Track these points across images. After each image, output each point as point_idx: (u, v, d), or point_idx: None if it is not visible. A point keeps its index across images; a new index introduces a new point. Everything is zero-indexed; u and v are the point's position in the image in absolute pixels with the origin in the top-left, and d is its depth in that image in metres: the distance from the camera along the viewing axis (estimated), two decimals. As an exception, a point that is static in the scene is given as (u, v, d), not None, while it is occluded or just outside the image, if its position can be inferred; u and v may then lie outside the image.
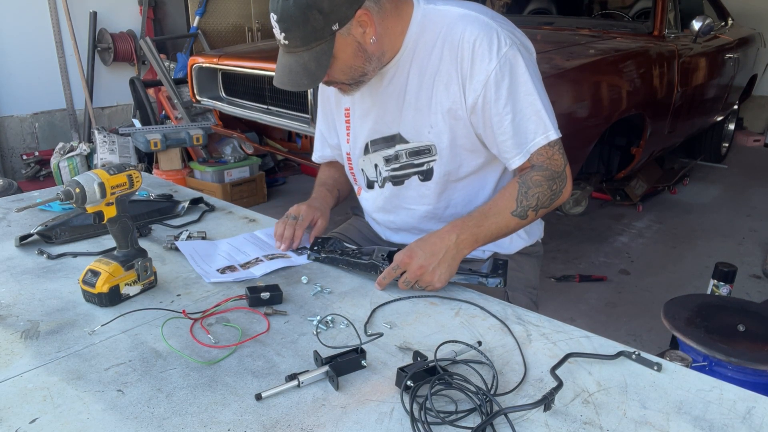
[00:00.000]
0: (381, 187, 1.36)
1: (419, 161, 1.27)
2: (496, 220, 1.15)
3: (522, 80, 1.15)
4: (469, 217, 1.15)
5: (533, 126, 1.16)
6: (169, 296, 1.10)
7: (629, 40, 3.33)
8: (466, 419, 0.76)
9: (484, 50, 1.13)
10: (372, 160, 1.35)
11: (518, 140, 1.16)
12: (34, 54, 4.39)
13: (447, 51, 1.17)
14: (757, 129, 6.25)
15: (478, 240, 1.14)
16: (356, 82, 1.19)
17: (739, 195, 4.46)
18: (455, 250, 1.10)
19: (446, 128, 1.21)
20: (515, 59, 1.14)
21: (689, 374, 0.87)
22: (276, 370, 0.87)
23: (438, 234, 1.12)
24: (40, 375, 0.85)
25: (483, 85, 1.14)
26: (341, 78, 1.17)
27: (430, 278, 1.08)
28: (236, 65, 3.34)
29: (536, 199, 1.15)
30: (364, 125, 1.33)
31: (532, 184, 1.15)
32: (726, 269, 2.04)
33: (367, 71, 1.17)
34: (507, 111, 1.15)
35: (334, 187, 1.51)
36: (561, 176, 1.18)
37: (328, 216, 1.39)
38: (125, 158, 4.01)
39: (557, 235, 3.57)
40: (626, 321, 2.65)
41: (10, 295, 1.09)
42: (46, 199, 1.05)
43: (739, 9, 5.26)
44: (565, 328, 0.99)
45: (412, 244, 1.12)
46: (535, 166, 1.18)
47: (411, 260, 1.08)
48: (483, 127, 1.19)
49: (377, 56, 1.17)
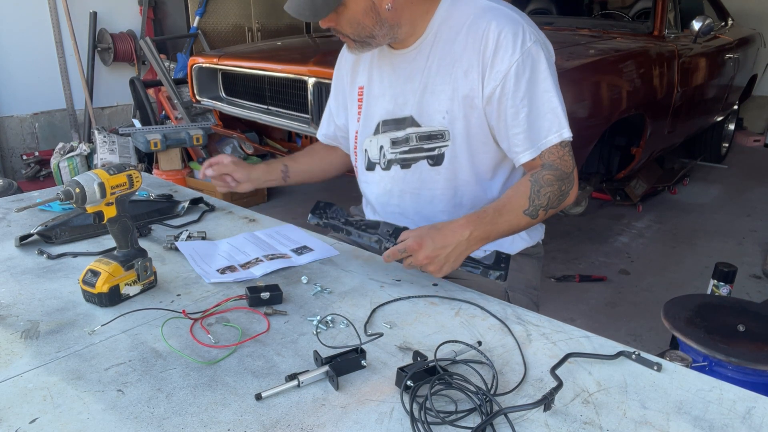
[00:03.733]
0: (385, 170, 1.35)
1: (430, 146, 1.27)
2: (509, 218, 1.14)
3: (542, 77, 1.16)
4: (483, 214, 1.13)
5: (548, 123, 1.16)
6: (169, 296, 1.10)
7: (629, 40, 3.33)
8: (466, 419, 0.76)
9: (509, 42, 1.14)
10: (378, 141, 1.34)
11: (531, 135, 1.17)
12: (34, 54, 4.39)
13: (471, 39, 1.18)
14: (757, 129, 6.25)
15: (489, 237, 1.14)
16: (362, 41, 1.19)
17: (739, 195, 4.46)
18: (465, 246, 1.10)
19: (461, 115, 1.22)
20: (538, 55, 1.15)
21: (689, 374, 0.87)
22: (276, 370, 0.87)
23: (451, 227, 1.10)
24: (40, 375, 0.85)
25: (503, 75, 1.15)
26: (347, 29, 1.17)
27: (434, 268, 1.08)
28: (236, 65, 3.34)
29: (547, 199, 1.15)
30: (378, 105, 1.33)
31: (544, 183, 1.15)
32: (726, 269, 2.04)
33: (376, 35, 1.17)
34: (524, 104, 1.15)
35: (297, 170, 1.51)
36: (569, 177, 1.18)
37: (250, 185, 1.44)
38: (125, 158, 4.01)
39: (557, 235, 3.57)
40: (626, 321, 2.65)
41: (10, 295, 1.09)
42: (46, 199, 1.05)
43: (739, 9, 5.26)
44: (565, 328, 0.99)
45: (423, 231, 1.09)
46: (545, 165, 1.18)
47: (420, 248, 1.06)
48: (496, 119, 1.19)
49: (390, 25, 1.17)
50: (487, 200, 1.30)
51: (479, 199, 1.30)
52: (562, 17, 4.12)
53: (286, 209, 1.33)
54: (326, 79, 2.75)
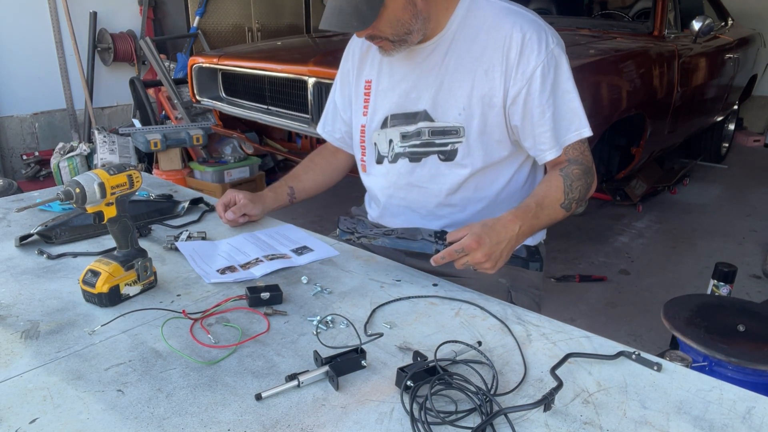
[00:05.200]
0: (392, 162, 1.36)
1: (443, 141, 1.28)
2: (549, 212, 1.18)
3: (564, 78, 1.21)
4: (528, 208, 1.15)
5: (569, 123, 1.22)
6: (169, 296, 1.10)
7: (629, 40, 3.33)
8: (466, 419, 0.76)
9: (534, 44, 1.18)
10: (388, 135, 1.35)
11: (556, 133, 1.21)
12: (34, 54, 4.39)
13: (492, 40, 1.20)
14: (757, 129, 6.25)
15: (533, 231, 1.17)
16: (400, 39, 1.20)
17: (739, 195, 4.46)
18: (515, 241, 1.11)
19: (478, 113, 1.24)
20: (560, 57, 1.21)
21: (689, 374, 0.87)
22: (276, 370, 0.87)
23: (502, 222, 1.10)
24: (40, 375, 0.85)
25: (529, 76, 1.18)
26: (387, 31, 1.18)
27: (489, 266, 1.08)
28: (236, 65, 3.34)
29: (579, 192, 1.20)
30: (387, 98, 1.34)
31: (575, 177, 1.20)
32: (726, 269, 2.04)
33: (413, 30, 1.19)
34: (549, 104, 1.20)
35: (302, 189, 1.53)
36: (591, 171, 1.24)
37: (262, 215, 1.47)
38: (125, 158, 4.00)
39: (557, 235, 3.57)
40: (626, 321, 2.65)
41: (10, 295, 1.09)
42: (46, 199, 1.05)
43: (739, 9, 5.25)
44: (565, 328, 0.99)
45: (476, 229, 1.08)
46: (570, 160, 1.22)
47: (478, 246, 1.06)
48: (521, 119, 1.22)
49: (424, 17, 1.19)
50: (493, 193, 1.31)
51: (486, 193, 1.32)
52: (562, 17, 4.11)
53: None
54: (326, 79, 2.75)
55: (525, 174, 1.35)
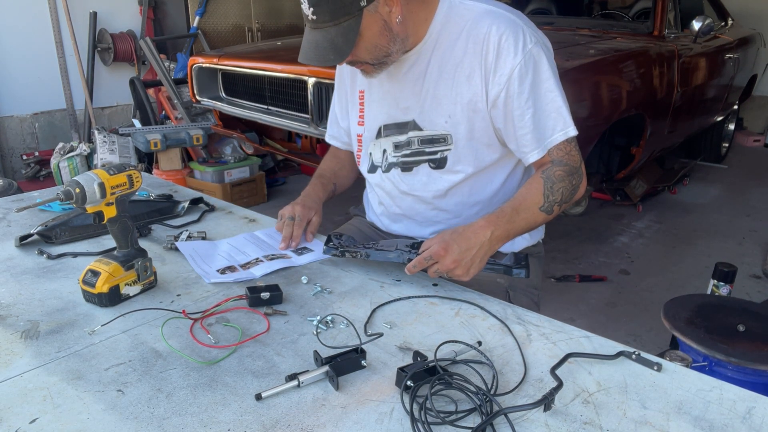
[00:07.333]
0: (385, 172, 1.36)
1: (432, 149, 1.28)
2: (526, 216, 1.16)
3: (544, 77, 1.18)
4: (501, 213, 1.14)
5: (552, 122, 1.19)
6: (169, 296, 1.10)
7: (629, 40, 3.33)
8: (466, 419, 0.76)
9: (510, 45, 1.16)
10: (381, 145, 1.35)
11: (538, 135, 1.19)
12: (34, 54, 4.39)
13: (471, 44, 1.19)
14: (757, 129, 6.25)
15: (509, 236, 1.15)
16: (380, 62, 1.19)
17: (739, 195, 4.46)
18: (488, 246, 1.11)
19: (464, 119, 1.23)
20: (539, 56, 1.17)
21: (689, 374, 0.87)
22: (276, 370, 0.87)
23: (473, 228, 1.11)
24: (40, 375, 0.85)
25: (507, 79, 1.16)
26: (366, 57, 1.18)
27: (461, 272, 1.08)
28: (236, 65, 3.34)
29: (561, 194, 1.18)
30: (379, 109, 1.34)
31: (556, 179, 1.17)
32: (726, 269, 2.04)
33: (391, 52, 1.18)
34: (528, 105, 1.17)
35: (330, 180, 1.51)
36: (578, 171, 1.21)
37: (321, 212, 1.40)
38: (125, 158, 4.00)
39: (557, 235, 3.57)
40: (626, 321, 2.65)
41: (10, 295, 1.09)
42: (46, 199, 1.05)
43: (739, 9, 5.25)
44: (565, 328, 0.99)
45: (446, 236, 1.09)
46: (554, 162, 1.20)
47: (446, 253, 1.07)
48: (503, 121, 1.21)
49: (402, 38, 1.18)
50: (487, 196, 1.31)
51: (480, 197, 1.31)
52: (562, 17, 4.12)
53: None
54: (326, 79, 2.75)
55: (519, 176, 1.34)
